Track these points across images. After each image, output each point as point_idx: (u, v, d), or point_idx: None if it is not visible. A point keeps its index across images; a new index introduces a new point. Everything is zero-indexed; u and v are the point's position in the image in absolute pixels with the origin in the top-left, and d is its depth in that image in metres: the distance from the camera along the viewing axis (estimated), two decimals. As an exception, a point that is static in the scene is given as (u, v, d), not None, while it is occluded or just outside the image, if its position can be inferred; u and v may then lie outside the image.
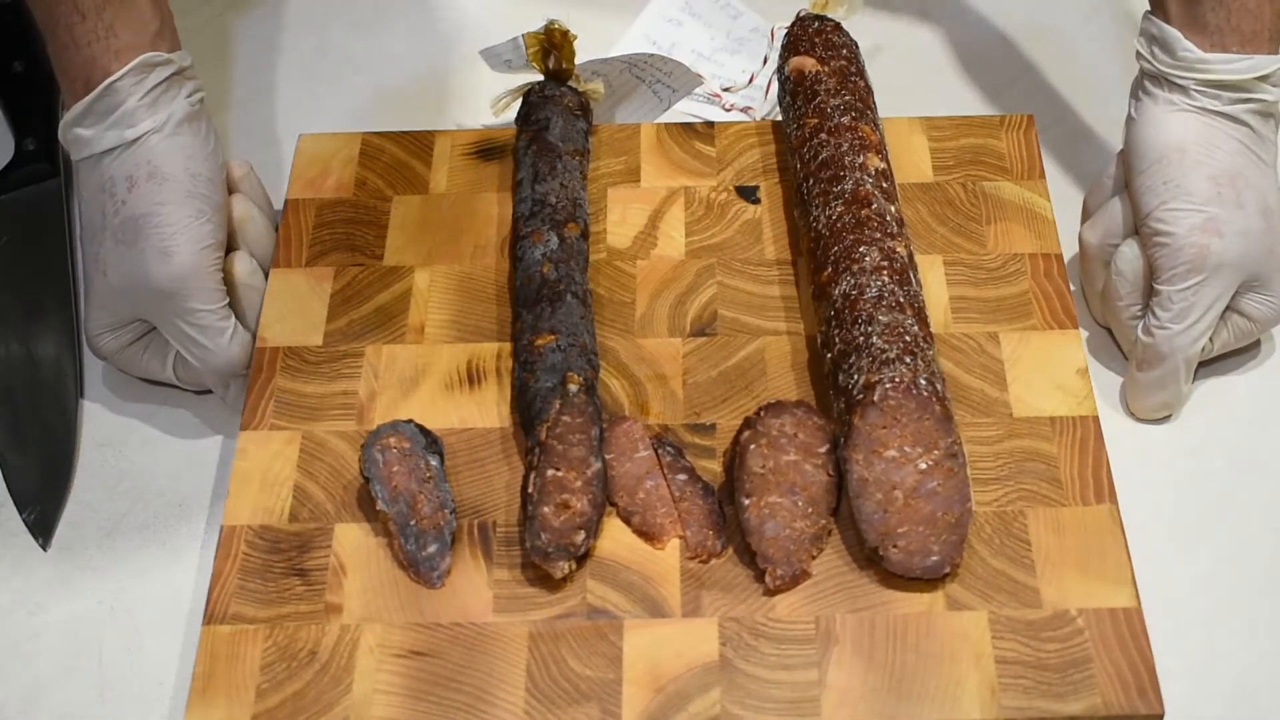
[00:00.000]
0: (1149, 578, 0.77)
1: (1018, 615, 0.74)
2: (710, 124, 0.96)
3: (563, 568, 0.75)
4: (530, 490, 0.74)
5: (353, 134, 0.96)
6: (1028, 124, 0.94)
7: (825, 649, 0.73)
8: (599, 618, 0.74)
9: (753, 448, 0.75)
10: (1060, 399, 0.81)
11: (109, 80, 0.80)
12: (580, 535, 0.75)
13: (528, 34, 0.92)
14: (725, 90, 1.00)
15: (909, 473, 0.73)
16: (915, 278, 0.81)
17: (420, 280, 0.88)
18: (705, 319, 0.86)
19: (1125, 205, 0.85)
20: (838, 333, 0.78)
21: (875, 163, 0.84)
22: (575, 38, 0.92)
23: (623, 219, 0.91)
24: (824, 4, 0.94)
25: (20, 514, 0.83)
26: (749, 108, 1.00)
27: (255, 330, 0.86)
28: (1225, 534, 0.80)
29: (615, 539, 0.77)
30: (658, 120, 0.99)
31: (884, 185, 0.84)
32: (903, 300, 0.78)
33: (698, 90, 0.99)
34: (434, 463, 0.78)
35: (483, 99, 0.97)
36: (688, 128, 0.96)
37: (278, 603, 0.75)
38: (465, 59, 1.00)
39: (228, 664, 0.73)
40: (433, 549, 0.76)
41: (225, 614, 0.75)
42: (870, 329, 0.76)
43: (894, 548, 0.74)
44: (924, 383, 0.73)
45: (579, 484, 0.75)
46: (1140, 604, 0.74)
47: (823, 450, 0.76)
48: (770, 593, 0.75)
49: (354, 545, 0.77)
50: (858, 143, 0.85)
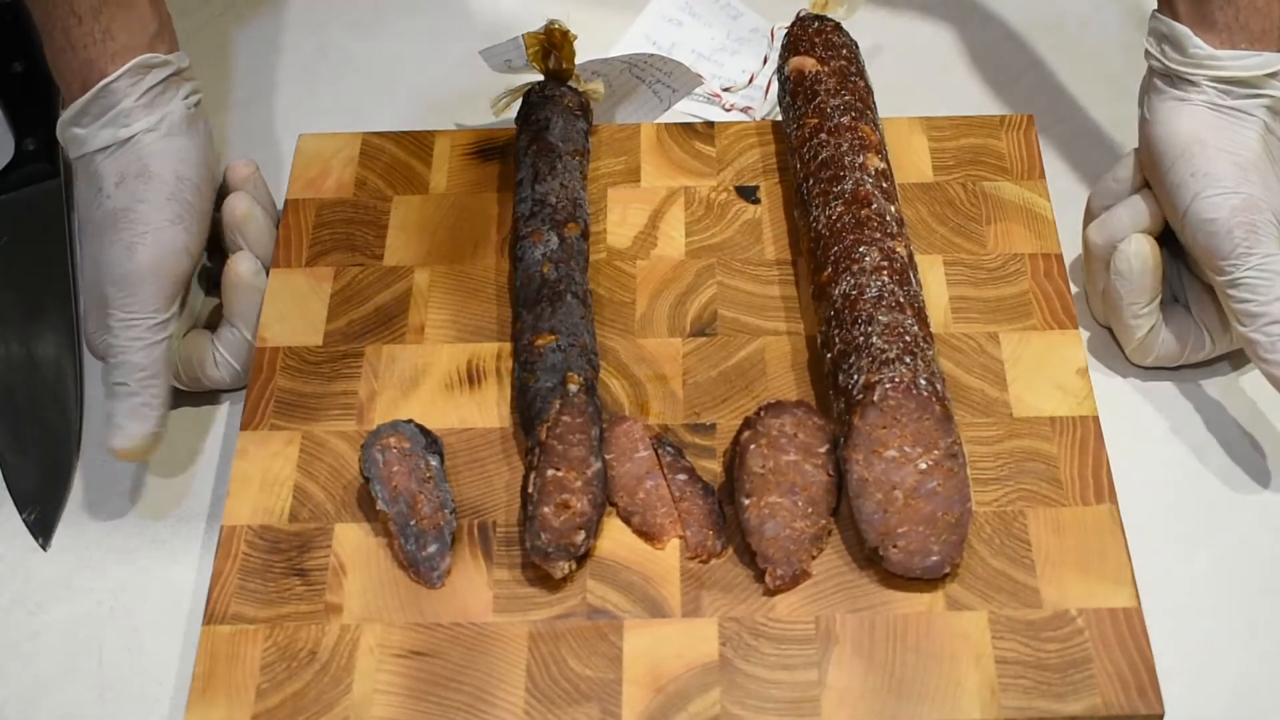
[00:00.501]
0: (1149, 578, 0.77)
1: (1018, 615, 0.74)
2: (710, 124, 0.96)
3: (563, 568, 0.75)
4: (530, 490, 0.74)
5: (353, 134, 0.96)
6: (1028, 124, 0.94)
7: (825, 649, 0.73)
8: (599, 618, 0.74)
9: (753, 448, 0.75)
10: (1060, 399, 0.81)
11: (105, 81, 0.80)
12: (580, 535, 0.75)
13: (528, 34, 0.92)
14: (725, 90, 1.00)
15: (909, 473, 0.73)
16: (915, 278, 0.81)
17: (420, 280, 0.88)
18: (705, 319, 0.86)
19: (1133, 205, 0.84)
20: (838, 333, 0.78)
21: (875, 163, 0.84)
22: (575, 38, 0.92)
23: (623, 219, 0.91)
24: (824, 4, 0.94)
25: (20, 514, 0.83)
26: (749, 108, 1.00)
27: (255, 330, 0.86)
28: (1225, 534, 0.80)
29: (615, 539, 0.77)
30: (658, 120, 0.99)
31: (884, 185, 0.84)
32: (903, 300, 0.78)
33: (698, 90, 0.99)
34: (434, 463, 0.78)
35: (483, 99, 0.97)
36: (688, 128, 0.96)
37: (278, 603, 0.75)
38: (465, 59, 1.00)
39: (228, 664, 0.73)
40: (433, 549, 0.76)
41: (225, 614, 0.75)
42: (870, 329, 0.76)
43: (894, 548, 0.74)
44: (924, 383, 0.73)
45: (579, 484, 0.75)
46: (1140, 604, 0.74)
47: (823, 450, 0.76)
48: (770, 593, 0.75)
49: (354, 545, 0.77)
50: (858, 143, 0.85)
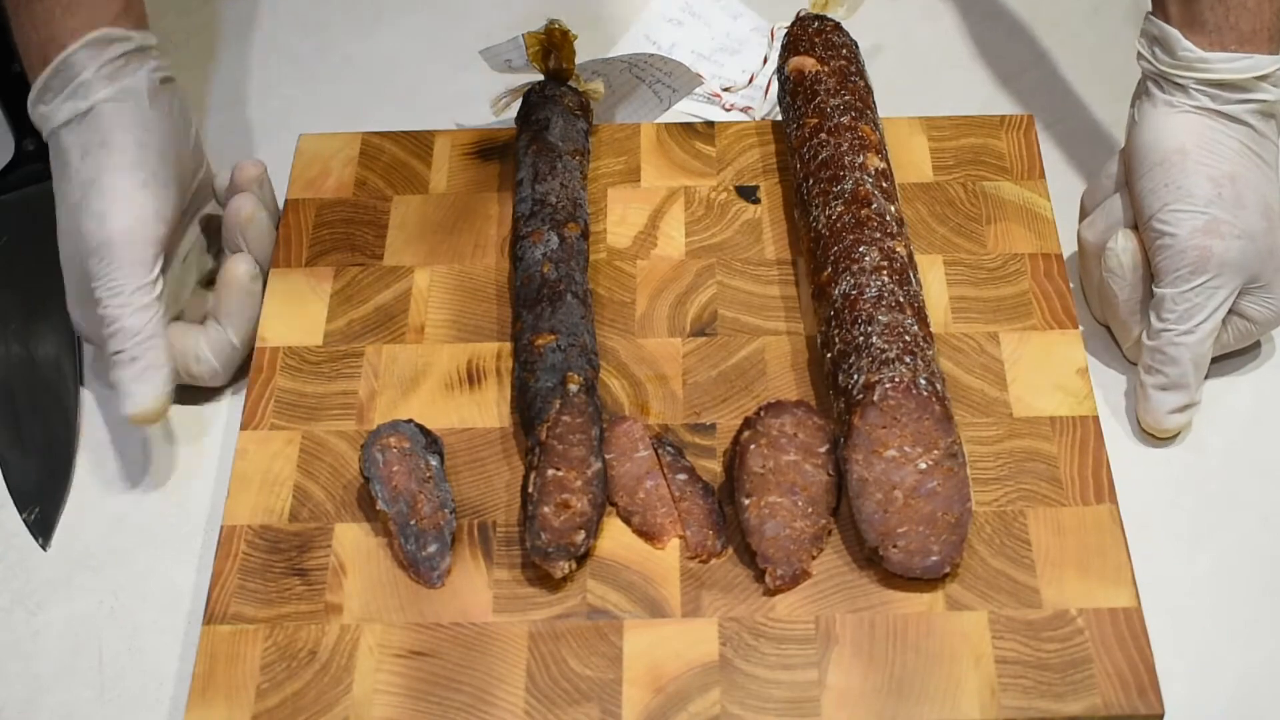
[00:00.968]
0: (1149, 578, 0.77)
1: (1018, 615, 0.74)
2: (710, 124, 0.96)
3: (563, 568, 0.75)
4: (530, 490, 0.74)
5: (353, 134, 0.96)
6: (1027, 124, 0.94)
7: (825, 649, 0.73)
8: (599, 618, 0.74)
9: (753, 448, 0.75)
10: (1060, 399, 0.81)
11: (64, 54, 0.81)
12: (580, 535, 0.75)
13: (528, 34, 0.92)
14: (725, 90, 1.00)
15: (909, 473, 0.73)
16: (915, 278, 0.81)
17: (420, 280, 0.88)
18: (705, 319, 0.86)
19: (1124, 203, 0.85)
20: (837, 333, 0.78)
21: (875, 162, 0.84)
22: (575, 37, 0.92)
23: (623, 219, 0.91)
24: (824, 4, 0.94)
25: (20, 514, 0.83)
26: (749, 108, 1.00)
27: (254, 333, 0.86)
28: (1225, 534, 0.80)
29: (615, 539, 0.77)
30: (658, 120, 0.99)
31: (884, 185, 0.84)
32: (902, 300, 0.78)
33: (698, 90, 0.99)
34: (434, 463, 0.78)
35: (483, 99, 0.97)
36: (688, 128, 0.96)
37: (278, 603, 0.75)
38: (465, 59, 1.00)
39: (228, 664, 0.73)
40: (433, 549, 0.76)
41: (225, 614, 0.75)
42: (870, 329, 0.76)
43: (894, 548, 0.74)
44: (924, 383, 0.73)
45: (579, 484, 0.75)
46: (1140, 604, 0.74)
47: (823, 450, 0.76)
48: (770, 593, 0.75)
49: (354, 545, 0.77)
50: (857, 142, 0.85)
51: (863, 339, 0.76)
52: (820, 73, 0.89)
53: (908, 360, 0.74)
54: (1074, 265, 0.90)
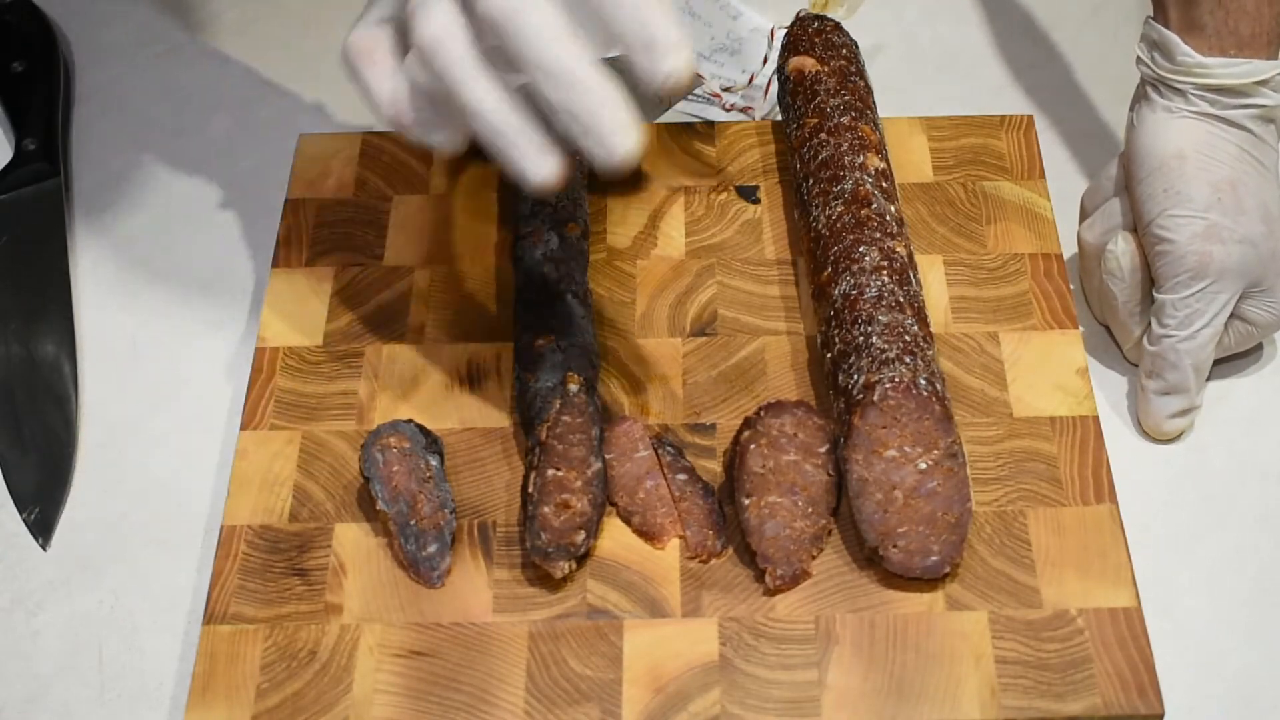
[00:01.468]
0: (1149, 578, 0.77)
1: (1018, 615, 0.74)
2: (710, 124, 0.96)
3: (563, 568, 0.75)
4: (530, 490, 0.74)
5: (353, 134, 0.96)
6: (1028, 124, 0.94)
7: (825, 649, 0.73)
8: (599, 618, 0.74)
9: (753, 448, 0.75)
10: (1060, 399, 0.81)
11: None
12: (580, 535, 0.75)
13: (528, 34, 0.92)
14: (725, 90, 1.00)
15: (909, 473, 0.73)
16: (915, 278, 0.81)
17: (420, 280, 0.88)
18: (705, 319, 0.86)
19: (1123, 206, 0.85)
20: (837, 333, 0.78)
21: (875, 162, 0.84)
22: (575, 38, 0.92)
23: (622, 219, 0.91)
24: (824, 4, 0.94)
25: (20, 514, 0.83)
26: (749, 108, 1.00)
27: None
28: (1225, 534, 0.80)
29: (615, 539, 0.77)
30: (658, 120, 0.98)
31: (884, 185, 0.84)
32: (902, 300, 0.78)
33: (697, 90, 0.99)
34: (434, 463, 0.78)
35: (483, 99, 0.97)
36: (688, 128, 0.96)
37: (278, 602, 0.75)
38: (465, 59, 1.00)
39: (228, 664, 0.73)
40: (433, 549, 0.76)
41: (225, 614, 0.75)
42: (870, 329, 0.76)
43: (894, 548, 0.74)
44: (924, 383, 0.73)
45: (579, 484, 0.75)
46: (1140, 604, 0.74)
47: (823, 450, 0.76)
48: (770, 593, 0.75)
49: (354, 545, 0.77)
50: (857, 142, 0.85)
51: (863, 339, 0.76)
52: (820, 73, 0.89)
53: (908, 360, 0.74)
54: (1074, 266, 0.90)
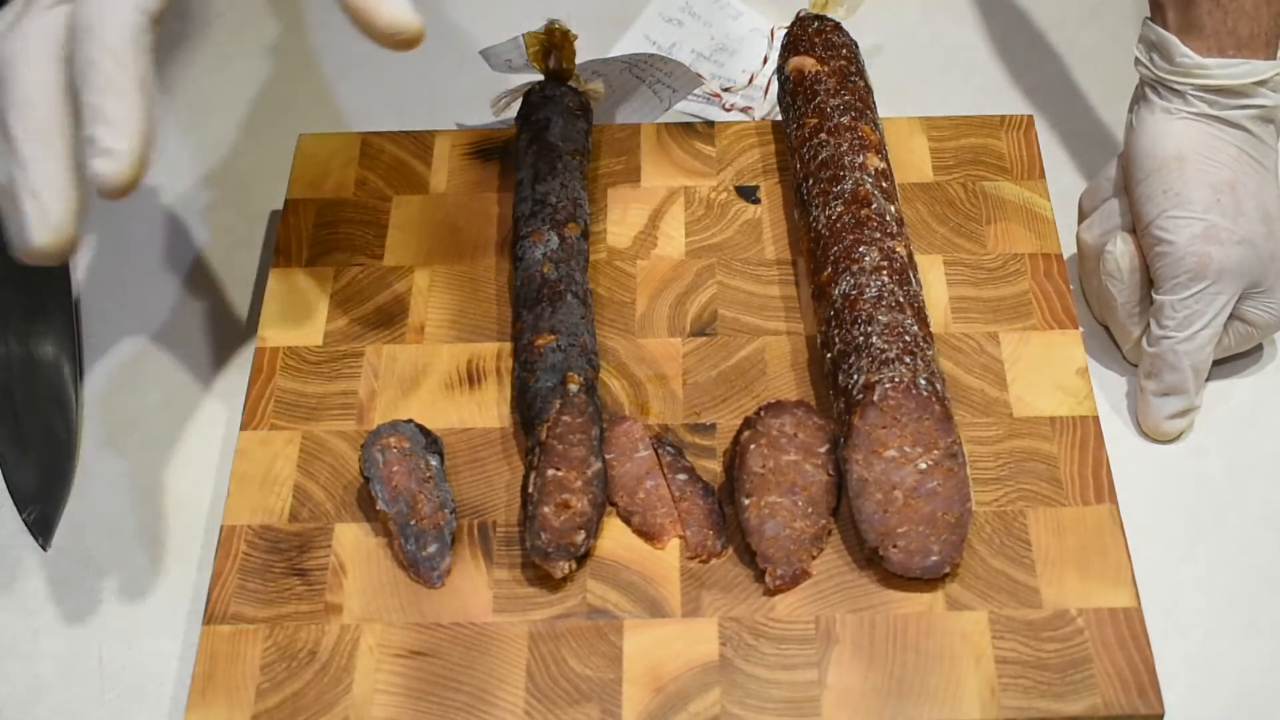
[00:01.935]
0: (1149, 578, 0.77)
1: (1018, 615, 0.74)
2: (710, 124, 0.96)
3: (563, 568, 0.75)
4: (530, 490, 0.74)
5: (353, 134, 0.96)
6: (1028, 124, 0.94)
7: (825, 649, 0.73)
8: (599, 618, 0.74)
9: (753, 448, 0.75)
10: (1060, 399, 0.81)
11: None
12: (580, 535, 0.75)
13: (528, 34, 0.92)
14: (725, 90, 1.00)
15: (909, 473, 0.73)
16: (915, 278, 0.81)
17: (420, 280, 0.88)
18: (705, 319, 0.86)
19: (1122, 207, 0.85)
20: (837, 333, 0.78)
21: (875, 162, 0.84)
22: (576, 37, 0.92)
23: (623, 219, 0.91)
24: (824, 4, 0.94)
25: (20, 514, 0.83)
26: (749, 108, 1.00)
27: None
28: (1225, 534, 0.80)
29: (615, 539, 0.77)
30: (658, 120, 0.99)
31: (884, 185, 0.84)
32: (902, 300, 0.78)
33: (698, 90, 0.99)
34: (434, 463, 0.78)
35: (483, 99, 0.97)
36: (688, 128, 0.96)
37: (278, 602, 0.75)
38: (465, 59, 1.00)
39: (228, 664, 0.73)
40: (433, 549, 0.76)
41: (225, 614, 0.75)
42: (870, 329, 0.76)
43: (894, 548, 0.74)
44: (924, 383, 0.73)
45: (579, 484, 0.75)
46: (1140, 604, 0.74)
47: (823, 450, 0.76)
48: (770, 593, 0.75)
49: (354, 545, 0.77)
50: (857, 142, 0.85)
51: (863, 339, 0.76)
52: (820, 73, 0.89)
53: (908, 360, 0.74)
54: (1074, 266, 0.90)
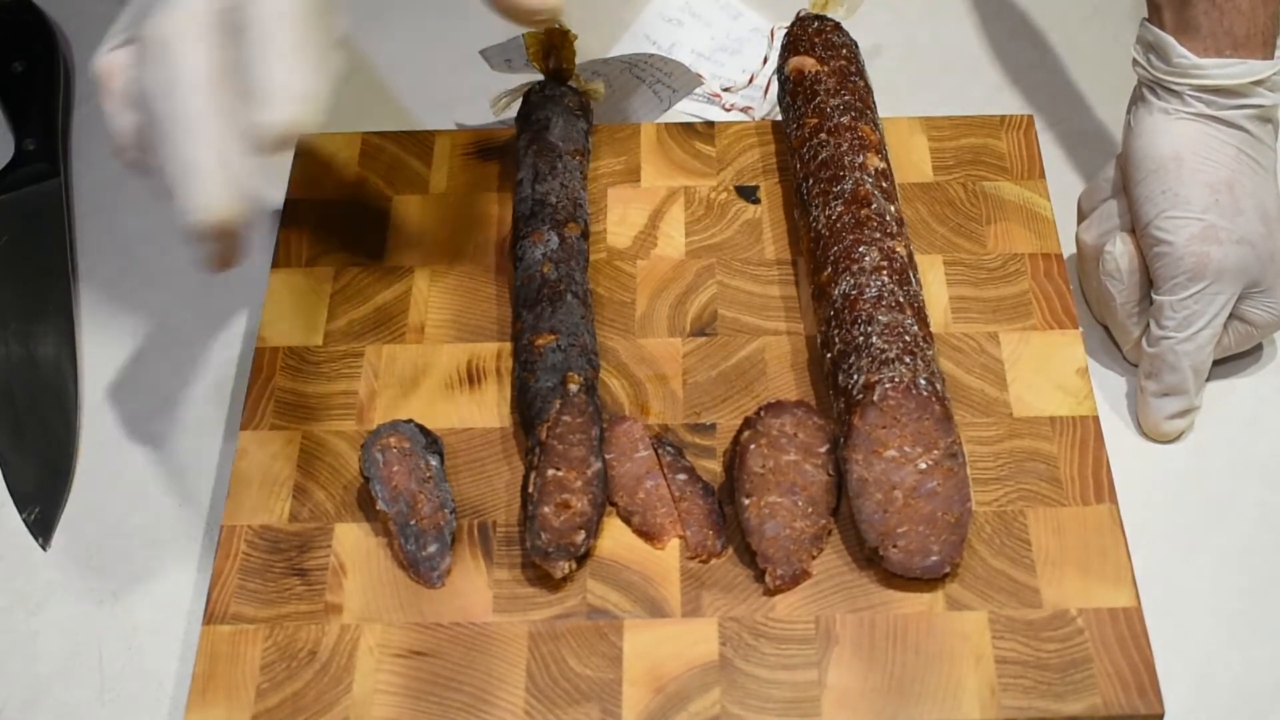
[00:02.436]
0: (1149, 578, 0.77)
1: (1018, 615, 0.74)
2: (710, 124, 0.96)
3: (563, 568, 0.75)
4: (530, 490, 0.74)
5: (352, 134, 0.96)
6: (1028, 124, 0.94)
7: (825, 649, 0.73)
8: (599, 618, 0.74)
9: (753, 448, 0.75)
10: (1060, 399, 0.81)
11: None
12: (580, 535, 0.75)
13: (528, 34, 0.92)
14: (725, 90, 1.00)
15: (909, 473, 0.73)
16: (915, 277, 0.81)
17: (420, 280, 0.88)
18: (705, 319, 0.86)
19: (1121, 207, 0.85)
20: (837, 333, 0.78)
21: (875, 162, 0.84)
22: (576, 37, 0.92)
23: (623, 219, 0.91)
24: (824, 4, 0.94)
25: (20, 514, 0.83)
26: (749, 108, 1.00)
27: None
28: (1225, 534, 0.80)
29: (615, 539, 0.77)
30: (658, 120, 0.99)
31: (884, 185, 0.84)
32: (902, 300, 0.78)
33: (697, 90, 0.99)
34: (434, 463, 0.78)
35: (483, 99, 0.97)
36: (688, 128, 0.96)
37: (278, 602, 0.75)
38: (465, 59, 1.00)
39: (228, 664, 0.73)
40: (433, 549, 0.76)
41: (225, 614, 0.75)
42: (870, 329, 0.76)
43: (894, 548, 0.74)
44: (924, 383, 0.73)
45: (579, 484, 0.75)
46: (1140, 604, 0.74)
47: (823, 450, 0.76)
48: (770, 593, 0.75)
49: (354, 545, 0.77)
50: (857, 142, 0.85)
51: (863, 339, 0.76)
52: (820, 73, 0.89)
53: (908, 360, 0.74)
54: (1074, 265, 0.90)
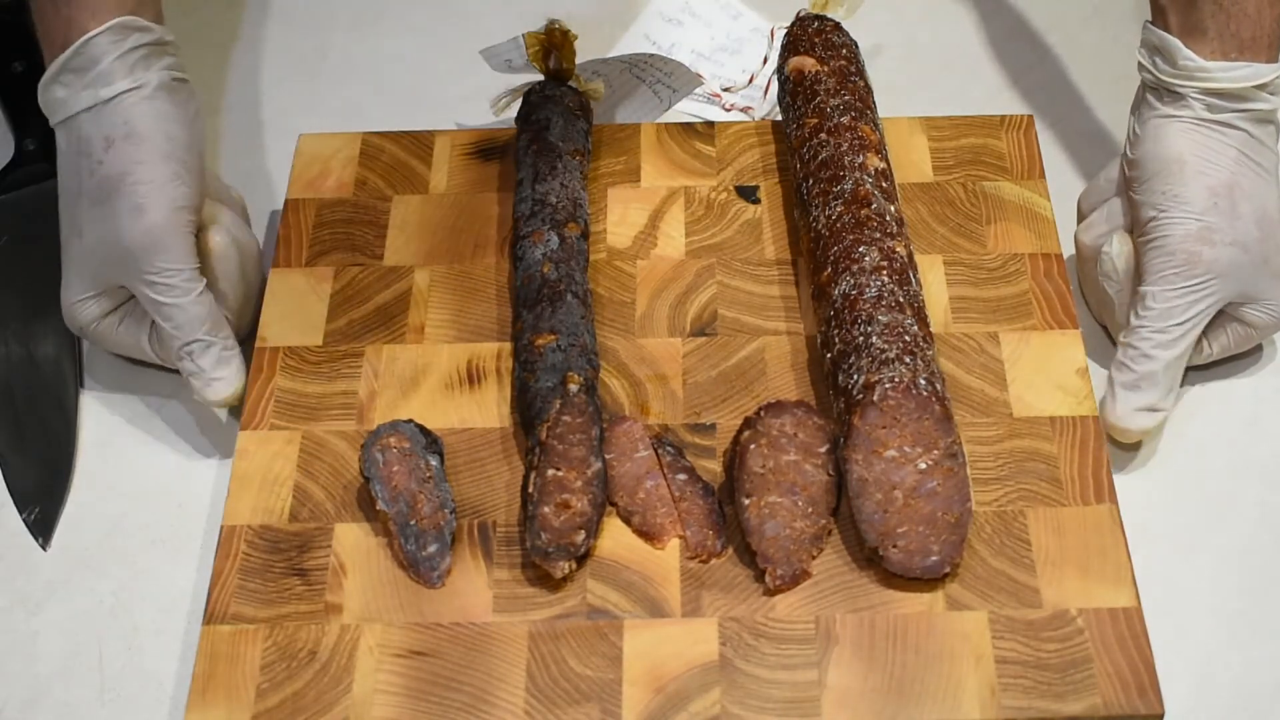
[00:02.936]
0: (1149, 578, 0.77)
1: (1018, 615, 0.74)
2: (710, 124, 0.96)
3: (563, 568, 0.75)
4: (530, 490, 0.74)
5: (353, 134, 0.96)
6: (1028, 124, 0.94)
7: (825, 649, 0.73)
8: (599, 618, 0.74)
9: (753, 448, 0.75)
10: (1060, 399, 0.81)
11: (86, 37, 0.80)
12: (580, 535, 0.75)
13: (528, 34, 0.92)
14: (725, 90, 1.00)
15: (908, 473, 0.73)
16: (915, 277, 0.81)
17: (420, 280, 0.88)
18: (705, 319, 0.86)
19: (1121, 208, 0.85)
20: (837, 333, 0.78)
21: (875, 162, 0.84)
22: (576, 37, 0.92)
23: (623, 219, 0.91)
24: (824, 4, 0.94)
25: (20, 514, 0.83)
26: (749, 108, 1.00)
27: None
28: (1225, 534, 0.80)
29: (615, 539, 0.77)
30: (658, 120, 0.99)
31: (884, 185, 0.84)
32: (902, 300, 0.78)
33: (697, 90, 0.99)
34: (434, 462, 0.78)
35: (483, 99, 0.97)
36: (688, 128, 0.96)
37: (278, 602, 0.75)
38: (465, 59, 1.00)
39: (228, 664, 0.73)
40: (433, 549, 0.76)
41: (225, 614, 0.75)
42: (870, 329, 0.76)
43: (894, 548, 0.74)
44: (923, 383, 0.73)
45: (579, 484, 0.75)
46: (1140, 604, 0.74)
47: (823, 450, 0.76)
48: (770, 593, 0.75)
49: (354, 545, 0.77)
50: (857, 142, 0.85)
51: (862, 339, 0.76)
52: (820, 73, 0.89)
53: (907, 360, 0.74)
54: (1074, 266, 0.90)
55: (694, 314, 0.86)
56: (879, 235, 0.80)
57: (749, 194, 0.92)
